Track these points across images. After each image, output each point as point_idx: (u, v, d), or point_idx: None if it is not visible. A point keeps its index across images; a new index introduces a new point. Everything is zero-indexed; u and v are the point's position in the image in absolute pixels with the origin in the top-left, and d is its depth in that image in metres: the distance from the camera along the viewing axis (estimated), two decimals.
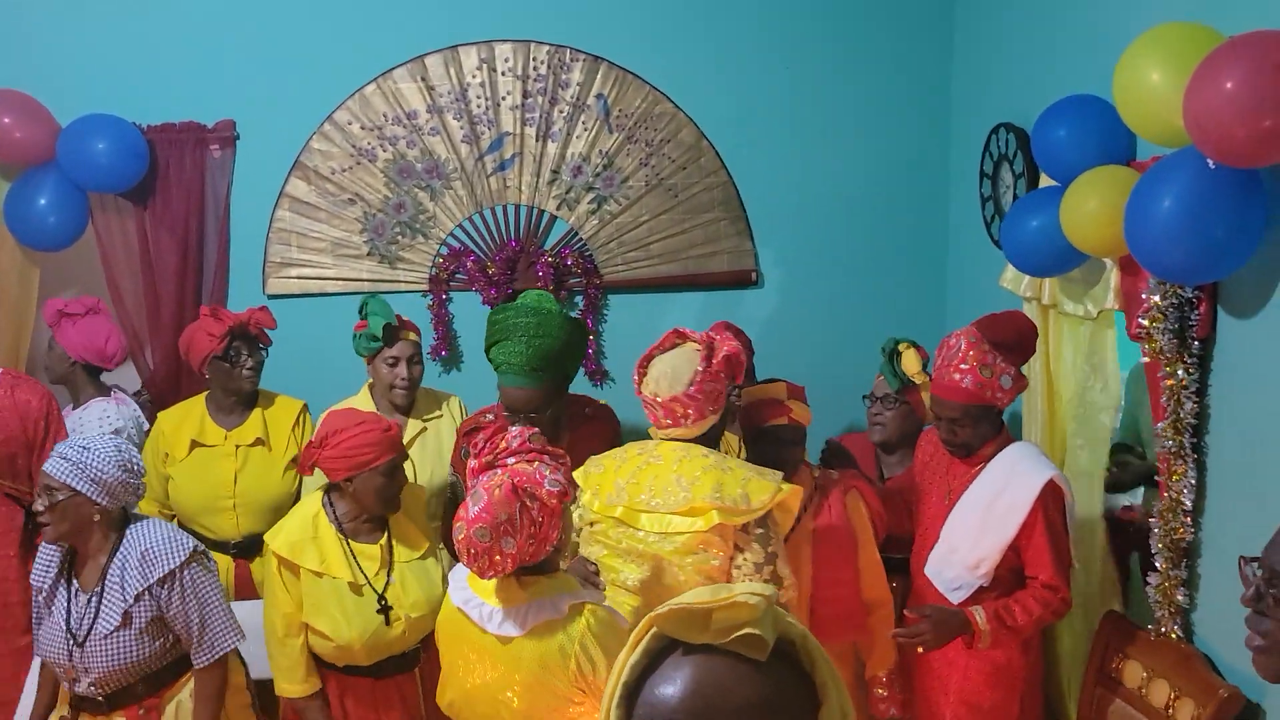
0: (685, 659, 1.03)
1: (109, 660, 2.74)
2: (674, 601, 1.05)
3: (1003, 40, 4.02)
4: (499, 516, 2.20)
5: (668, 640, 1.05)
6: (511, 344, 3.06)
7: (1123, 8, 3.09)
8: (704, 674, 1.02)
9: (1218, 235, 2.36)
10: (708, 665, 1.02)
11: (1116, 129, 2.88)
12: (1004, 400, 2.96)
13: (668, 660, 1.04)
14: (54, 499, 2.69)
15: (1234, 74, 2.17)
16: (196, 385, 4.02)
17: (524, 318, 3.09)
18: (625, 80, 4.43)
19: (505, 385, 3.10)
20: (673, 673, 1.03)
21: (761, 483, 2.62)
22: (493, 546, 2.21)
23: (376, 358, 3.59)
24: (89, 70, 4.18)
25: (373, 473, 2.87)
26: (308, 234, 4.42)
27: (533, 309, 3.13)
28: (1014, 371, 2.95)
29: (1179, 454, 2.72)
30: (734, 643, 1.01)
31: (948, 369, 2.95)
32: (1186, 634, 2.82)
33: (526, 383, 3.07)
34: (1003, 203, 3.79)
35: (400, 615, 2.88)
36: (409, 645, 2.96)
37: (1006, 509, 2.91)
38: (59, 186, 4.00)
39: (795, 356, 4.09)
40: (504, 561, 2.23)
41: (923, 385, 3.41)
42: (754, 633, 1.01)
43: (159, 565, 2.75)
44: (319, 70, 4.33)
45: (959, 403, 2.94)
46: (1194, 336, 2.66)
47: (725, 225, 4.53)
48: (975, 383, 2.91)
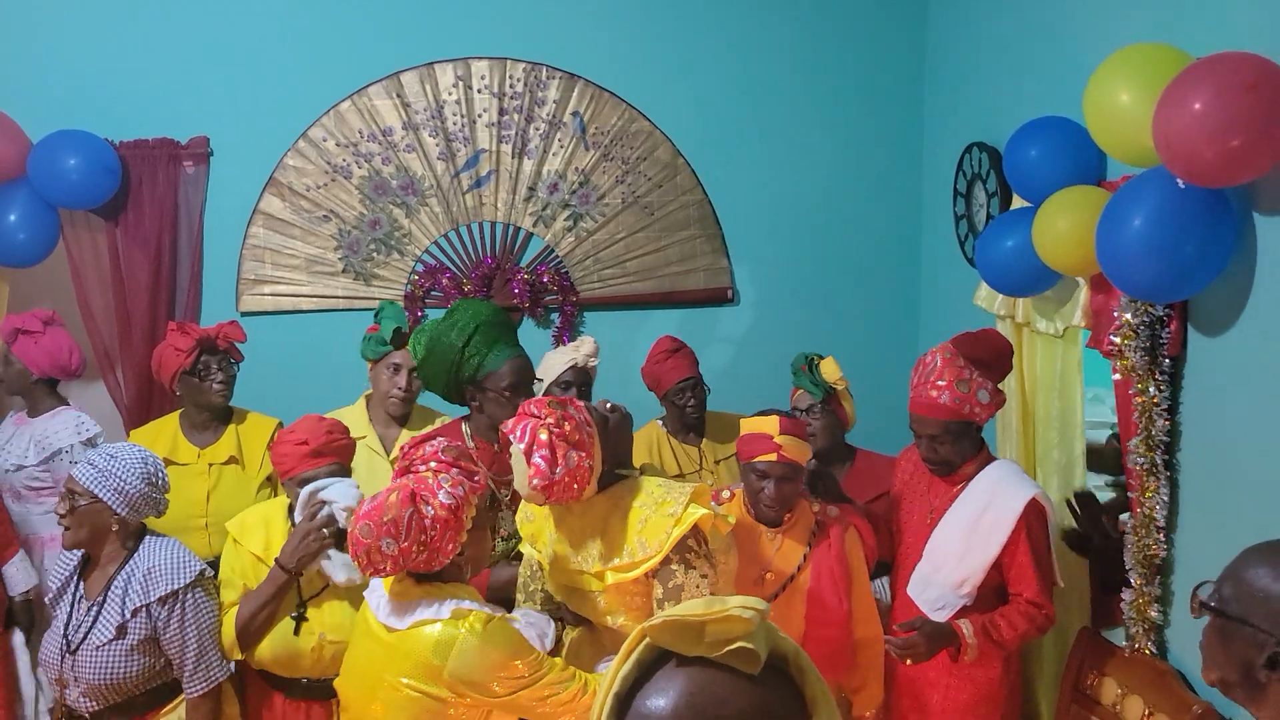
0: (678, 670, 1.03)
1: (95, 672, 2.70)
2: (667, 613, 1.05)
3: (975, 60, 4.06)
4: (384, 517, 2.28)
5: (660, 651, 1.05)
6: (492, 326, 2.94)
7: (1093, 29, 3.13)
8: (697, 685, 1.01)
9: (1187, 253, 2.39)
10: (701, 677, 1.02)
11: (1087, 149, 2.92)
12: (982, 416, 2.97)
13: (660, 671, 1.04)
14: (75, 504, 2.69)
15: (1202, 95, 2.20)
16: (168, 404, 3.98)
17: (486, 308, 3.01)
18: (601, 98, 4.44)
19: (515, 359, 2.94)
20: (665, 684, 1.03)
21: (658, 522, 2.42)
22: (373, 545, 2.28)
23: (379, 363, 3.56)
24: (61, 86, 4.15)
25: (289, 483, 2.86)
26: (282, 251, 4.40)
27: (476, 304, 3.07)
28: (991, 387, 2.95)
29: (1151, 471, 2.74)
30: (727, 655, 1.01)
31: (925, 386, 2.95)
32: (1160, 650, 2.84)
33: (522, 350, 2.99)
34: (976, 221, 3.82)
35: (315, 631, 2.80)
36: (326, 672, 2.81)
37: (990, 527, 2.91)
38: (29, 203, 3.96)
39: (771, 373, 4.09)
40: (383, 561, 2.30)
41: (841, 392, 3.44)
42: (747, 646, 1.01)
43: (162, 584, 2.72)
44: (294, 87, 4.32)
45: (938, 419, 2.93)
46: (1165, 354, 2.68)
47: (701, 243, 4.54)
48: (953, 398, 2.91)
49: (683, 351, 3.72)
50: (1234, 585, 1.59)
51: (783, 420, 2.85)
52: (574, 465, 2.40)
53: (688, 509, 2.40)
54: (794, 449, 2.83)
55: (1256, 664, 1.55)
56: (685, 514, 2.39)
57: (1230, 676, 1.60)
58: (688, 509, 2.40)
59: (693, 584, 2.44)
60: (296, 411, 3.55)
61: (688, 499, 2.42)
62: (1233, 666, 1.59)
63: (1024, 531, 2.88)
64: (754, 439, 2.87)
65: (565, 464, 2.38)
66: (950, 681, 2.99)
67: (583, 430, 2.43)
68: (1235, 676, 1.60)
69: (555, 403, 2.44)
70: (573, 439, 2.40)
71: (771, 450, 2.82)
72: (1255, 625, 1.54)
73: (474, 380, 2.92)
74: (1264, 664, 1.54)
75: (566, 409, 2.45)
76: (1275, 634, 1.53)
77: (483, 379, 2.91)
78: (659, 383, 3.72)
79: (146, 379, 4.14)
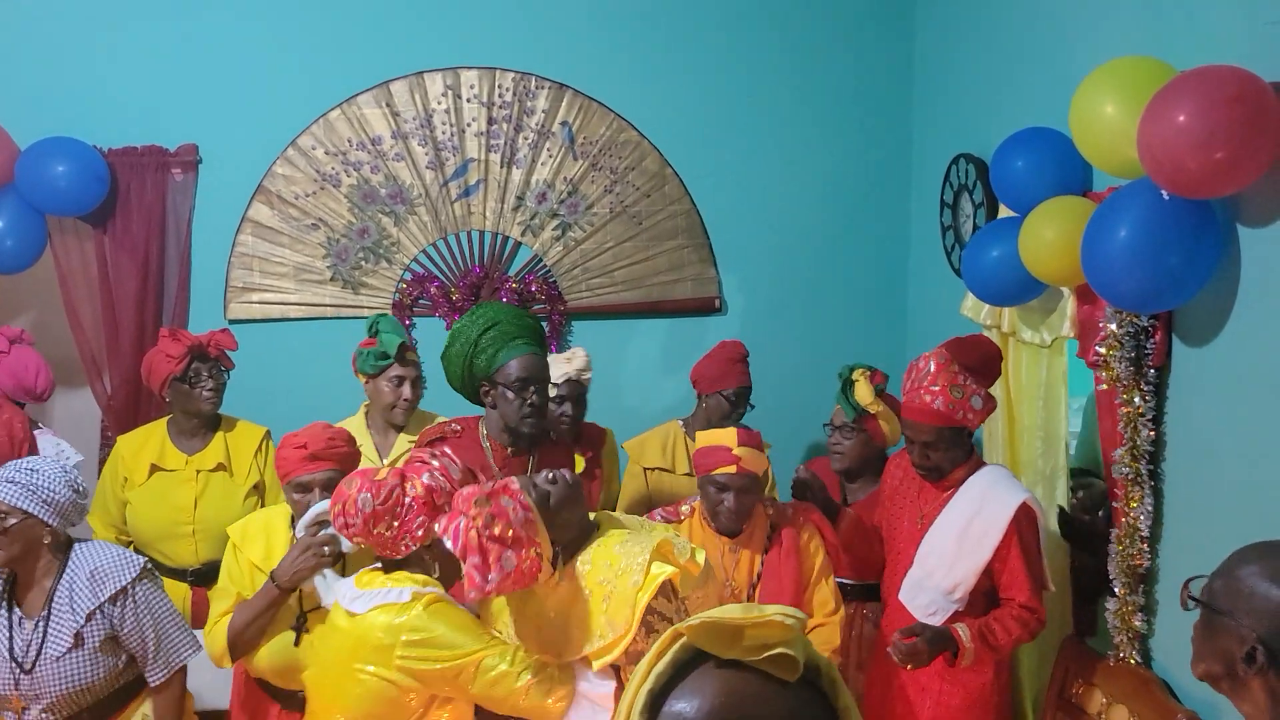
0: (714, 672, 1.03)
1: (61, 683, 2.69)
2: (705, 615, 1.05)
3: (962, 72, 4.09)
4: (374, 477, 2.40)
5: (695, 652, 1.05)
6: (511, 323, 2.96)
7: (1079, 42, 3.16)
8: (733, 688, 1.02)
9: (1172, 264, 2.40)
10: (737, 680, 1.02)
11: (1073, 160, 2.94)
12: (975, 421, 2.98)
13: (695, 672, 1.04)
14: (5, 524, 2.65)
15: (1186, 107, 2.22)
16: (155, 411, 3.97)
17: (508, 310, 3.05)
18: (590, 108, 4.45)
19: (526, 355, 2.92)
20: (700, 684, 1.03)
21: (622, 595, 2.31)
22: (350, 497, 2.37)
23: (379, 376, 3.54)
24: (49, 93, 4.15)
25: (288, 487, 2.87)
26: (270, 259, 4.39)
27: (498, 305, 3.12)
28: (983, 393, 2.97)
29: (1136, 480, 2.76)
30: (765, 661, 1.01)
31: (918, 391, 2.94)
32: (1145, 659, 2.85)
33: (541, 351, 3.00)
34: (963, 232, 3.84)
35: (314, 642, 2.80)
36: None
37: (981, 532, 2.92)
38: (17, 209, 3.95)
39: (758, 383, 4.10)
40: (355, 517, 2.37)
41: (879, 413, 3.43)
42: (787, 652, 1.01)
43: (109, 583, 2.72)
44: (283, 95, 4.32)
45: (931, 425, 2.93)
46: (1150, 364, 2.70)
47: (689, 252, 4.56)
48: (947, 404, 2.91)
49: (746, 361, 3.72)
50: (1224, 581, 1.63)
51: (740, 432, 2.88)
52: (512, 568, 2.25)
53: (650, 573, 2.30)
54: (752, 460, 2.86)
55: (1238, 658, 1.58)
56: (647, 580, 2.30)
57: (1215, 670, 1.64)
58: (650, 573, 2.30)
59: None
60: (284, 419, 3.56)
61: (649, 560, 2.30)
62: (1217, 660, 1.63)
63: (1015, 536, 2.88)
64: (712, 451, 2.88)
65: (501, 567, 2.24)
66: (943, 687, 2.99)
67: (518, 525, 2.26)
68: (1220, 670, 1.63)
69: (482, 499, 2.26)
70: (506, 537, 2.24)
71: (731, 462, 2.85)
72: (1239, 620, 1.58)
73: (487, 376, 2.93)
74: (1243, 659, 1.57)
75: (498, 500, 2.27)
76: (1255, 629, 1.56)
77: (494, 374, 2.92)
78: (716, 381, 3.67)
79: (133, 386, 4.13)
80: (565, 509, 2.37)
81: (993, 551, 2.90)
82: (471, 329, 2.94)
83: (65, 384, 4.21)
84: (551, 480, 2.38)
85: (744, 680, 1.02)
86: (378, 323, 3.60)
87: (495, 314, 2.97)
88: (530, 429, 2.91)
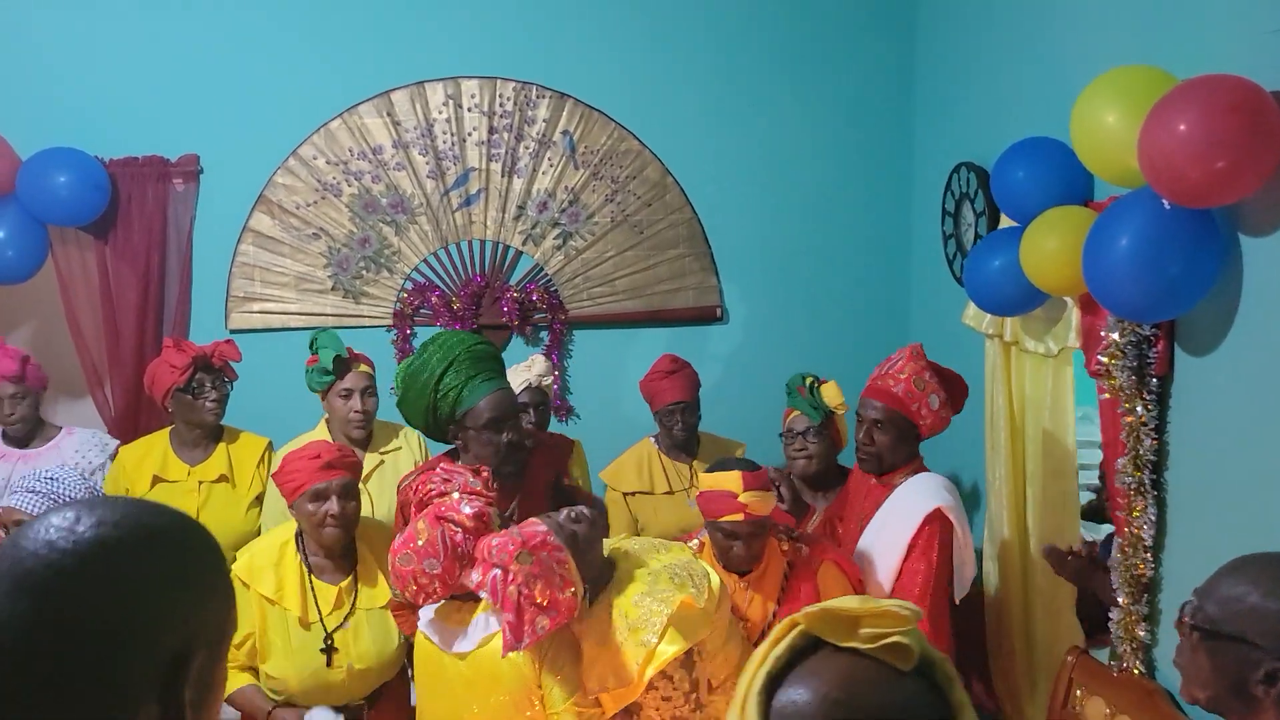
0: (831, 657, 1.06)
1: None
2: (822, 605, 1.08)
3: (963, 81, 4.09)
4: (418, 541, 2.37)
5: (812, 640, 1.07)
6: (468, 358, 2.77)
7: (1080, 51, 3.15)
8: (850, 673, 1.04)
9: (1173, 273, 2.40)
10: (855, 665, 1.04)
11: (1074, 170, 2.94)
12: (926, 421, 3.02)
13: (813, 656, 1.07)
14: None
15: (1187, 116, 2.22)
16: (156, 421, 3.96)
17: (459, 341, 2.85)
18: (591, 117, 4.45)
19: (492, 393, 2.75)
20: (817, 668, 1.05)
21: (631, 651, 2.34)
22: (417, 570, 2.36)
23: (330, 391, 3.49)
24: (50, 103, 4.16)
25: (322, 494, 2.84)
26: (271, 268, 4.40)
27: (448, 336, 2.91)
28: (943, 398, 3.02)
29: (1139, 490, 2.74)
30: (881, 649, 1.03)
31: (884, 375, 3.06)
32: (1149, 669, 2.83)
33: (505, 384, 2.83)
34: (964, 240, 3.83)
35: (345, 662, 2.83)
36: (353, 696, 2.89)
37: (894, 536, 2.93)
38: (18, 219, 3.96)
39: (759, 392, 4.10)
40: (431, 583, 2.37)
41: (840, 415, 3.46)
42: (903, 641, 1.03)
43: None
44: (284, 105, 4.32)
45: (884, 405, 3.02)
46: (1152, 374, 2.69)
47: (690, 261, 4.55)
48: (905, 391, 3.00)
49: (681, 374, 3.70)
50: (1219, 604, 1.60)
51: (745, 476, 2.72)
52: (543, 630, 2.26)
53: (661, 643, 2.31)
54: (759, 504, 2.71)
55: (1252, 680, 1.56)
56: (657, 653, 2.31)
57: (1219, 693, 1.61)
58: (661, 643, 2.31)
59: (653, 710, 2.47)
60: (284, 430, 3.57)
61: (665, 626, 2.30)
62: (1222, 684, 1.60)
63: (920, 539, 2.88)
64: (716, 497, 2.73)
65: (533, 630, 2.24)
66: None
67: (555, 584, 2.26)
68: (1225, 693, 1.60)
69: (525, 555, 2.24)
70: (545, 601, 2.24)
71: (737, 510, 2.70)
72: (1251, 642, 1.55)
73: (453, 418, 2.75)
74: (1261, 680, 1.55)
75: (538, 558, 2.26)
76: (1273, 649, 1.54)
77: (461, 417, 2.74)
78: (652, 400, 3.72)
79: (134, 396, 4.13)
80: (592, 548, 2.39)
81: (903, 555, 2.89)
82: (428, 371, 2.75)
83: (67, 394, 4.21)
84: (575, 520, 2.37)
85: (861, 666, 1.04)
86: (316, 339, 3.52)
87: (449, 350, 2.76)
88: (513, 466, 2.77)
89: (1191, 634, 1.64)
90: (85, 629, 0.94)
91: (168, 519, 1.05)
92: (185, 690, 0.99)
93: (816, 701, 1.02)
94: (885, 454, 3.05)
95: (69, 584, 0.95)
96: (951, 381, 3.09)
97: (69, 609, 0.94)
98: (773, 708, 1.05)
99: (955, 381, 3.12)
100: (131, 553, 0.99)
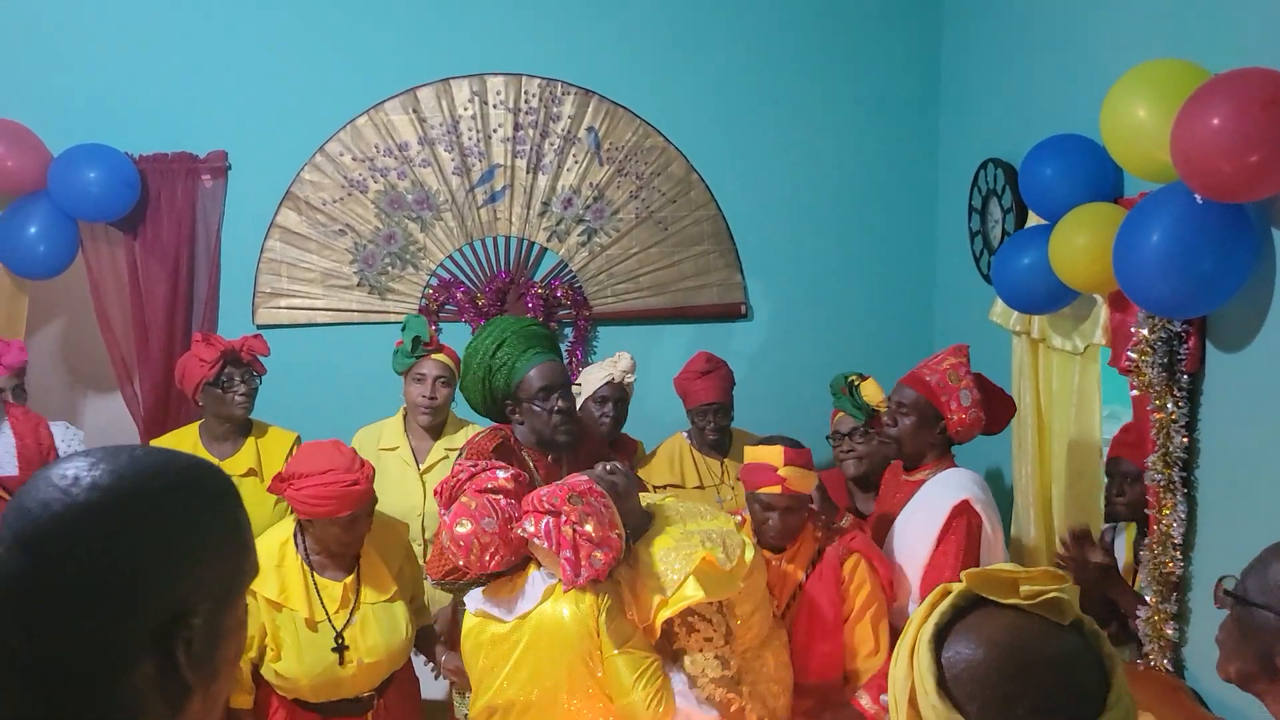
0: (996, 612, 1.15)
1: None
2: (985, 568, 1.19)
3: (990, 77, 4.07)
4: (470, 507, 2.44)
5: (973, 598, 1.17)
6: (521, 334, 2.94)
7: (1109, 45, 3.13)
8: (1016, 625, 1.14)
9: (1205, 269, 2.38)
10: (1019, 618, 1.14)
11: (1103, 167, 2.92)
12: (955, 415, 2.98)
13: (978, 611, 1.16)
14: None
15: (1220, 110, 2.20)
16: (185, 415, 4.00)
17: (513, 322, 3.02)
18: (616, 113, 4.46)
19: (543, 363, 2.90)
20: (982, 622, 1.15)
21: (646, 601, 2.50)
22: (477, 531, 2.42)
23: (408, 374, 3.58)
24: (81, 100, 4.19)
25: (329, 522, 2.78)
26: (298, 264, 4.42)
27: (505, 319, 3.09)
28: (976, 397, 2.99)
29: (1168, 487, 2.72)
30: (1040, 605, 1.14)
31: (922, 366, 3.06)
32: (1176, 668, 2.82)
33: (556, 356, 2.99)
34: (991, 237, 3.82)
35: (355, 657, 2.83)
36: (362, 689, 2.89)
37: (922, 528, 2.92)
38: (49, 215, 4.00)
39: (784, 389, 4.10)
40: (493, 541, 2.43)
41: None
42: (1061, 596, 1.13)
43: None
44: (311, 102, 4.35)
45: (913, 390, 3.01)
46: (1183, 370, 2.67)
47: (715, 258, 4.55)
48: (938, 382, 2.98)
49: (716, 374, 3.70)
50: (1258, 577, 1.61)
51: (787, 451, 2.77)
52: (600, 565, 2.41)
53: (678, 591, 2.43)
54: (798, 481, 2.77)
55: (1277, 652, 1.56)
56: (674, 597, 2.44)
57: (1250, 668, 1.62)
58: (678, 591, 2.43)
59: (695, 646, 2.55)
60: (311, 424, 3.59)
61: (684, 578, 2.43)
62: (1253, 657, 1.61)
63: (948, 532, 2.87)
64: (758, 470, 2.80)
65: (590, 566, 2.39)
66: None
67: (604, 523, 2.42)
68: (1255, 667, 1.61)
69: (576, 497, 2.40)
70: (598, 537, 2.39)
71: (776, 483, 2.76)
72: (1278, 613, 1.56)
73: (509, 393, 2.90)
74: None
75: (587, 500, 2.41)
76: None
77: (515, 389, 2.89)
78: (686, 398, 3.72)
79: (163, 390, 4.16)
80: (630, 497, 2.55)
81: (931, 549, 2.88)
82: (482, 350, 2.91)
83: (95, 389, 4.26)
84: (611, 471, 2.55)
85: (1024, 619, 1.14)
86: (408, 321, 3.64)
87: (503, 329, 2.94)
88: (566, 435, 2.89)
89: (1225, 600, 1.67)
90: (78, 584, 0.93)
91: (175, 473, 1.01)
92: (180, 648, 0.97)
93: (987, 649, 1.12)
94: (905, 439, 3.02)
95: (64, 538, 0.94)
96: (994, 395, 3.03)
97: (63, 563, 0.93)
98: (943, 658, 1.14)
99: (998, 396, 3.06)
100: (127, 510, 0.96)
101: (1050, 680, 1.11)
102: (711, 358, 3.74)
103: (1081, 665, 1.12)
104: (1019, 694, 1.10)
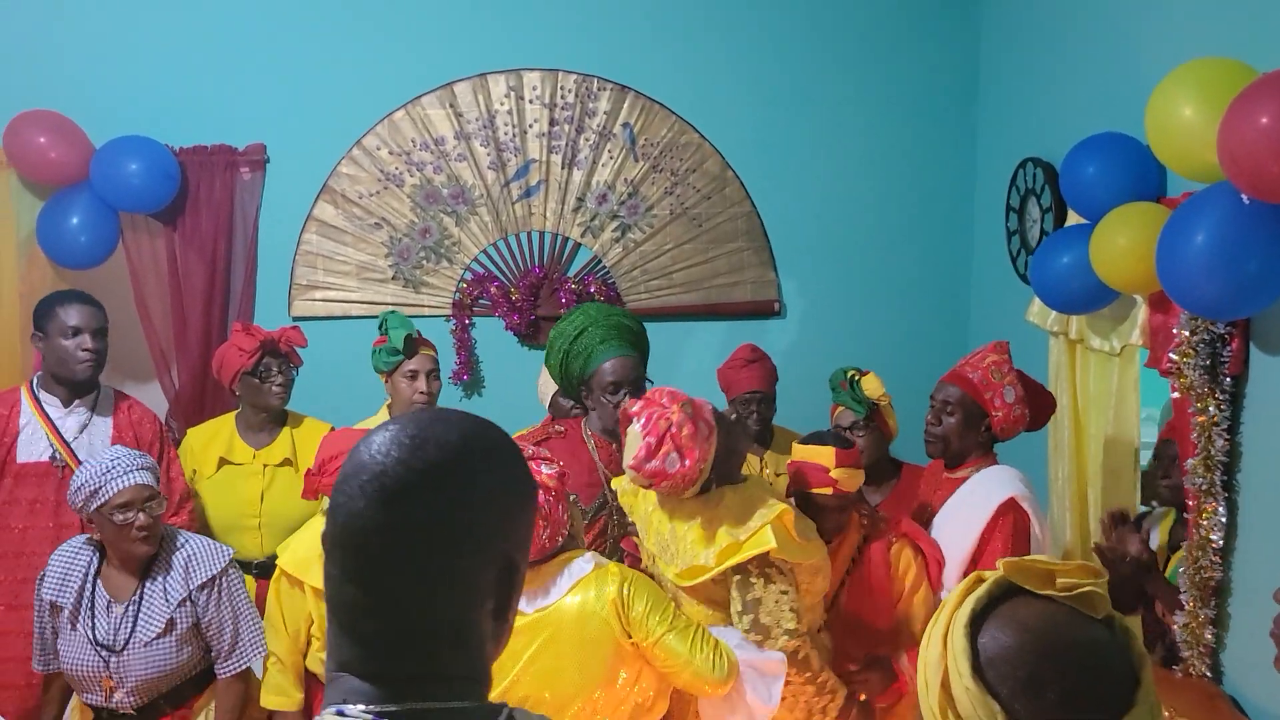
0: (1031, 602, 1.19)
1: (148, 668, 2.78)
2: (1022, 558, 1.22)
3: (1030, 75, 4.04)
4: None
5: (1009, 587, 1.21)
6: (601, 326, 3.05)
7: (1152, 44, 3.10)
8: (1050, 612, 1.18)
9: (1251, 270, 2.35)
10: (1053, 608, 1.18)
11: (1146, 166, 2.89)
12: (998, 413, 2.96)
13: (1011, 600, 1.20)
14: (154, 511, 2.76)
15: (1269, 110, 2.17)
16: (221, 405, 4.03)
17: (601, 310, 3.15)
18: (652, 109, 4.46)
19: (615, 357, 3.04)
20: (1018, 611, 1.19)
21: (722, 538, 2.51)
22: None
23: (395, 372, 3.54)
24: (123, 92, 4.23)
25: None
26: (334, 257, 4.45)
27: (604, 305, 3.23)
28: (1020, 394, 2.97)
29: (1209, 491, 2.69)
30: (1075, 597, 1.17)
31: (964, 364, 3.04)
32: (1215, 674, 2.79)
33: (633, 352, 3.08)
34: (1029, 237, 3.79)
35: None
36: None
37: (964, 525, 2.90)
38: (91, 206, 4.04)
39: (817, 387, 4.06)
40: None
41: (885, 407, 3.42)
42: (1096, 590, 1.17)
43: (201, 571, 2.83)
44: (349, 96, 4.37)
45: (957, 388, 2.98)
46: (1225, 372, 2.64)
47: (749, 255, 4.54)
48: (981, 379, 2.96)
49: (760, 364, 3.68)
50: None
51: (839, 453, 2.78)
52: (674, 470, 2.45)
53: (754, 536, 2.46)
54: (848, 481, 2.79)
55: None
56: (748, 541, 2.46)
57: None
58: (754, 536, 2.46)
59: (771, 598, 2.50)
60: (346, 416, 3.61)
61: (760, 525, 2.46)
62: None
63: (995, 530, 2.85)
64: (809, 469, 2.81)
65: (663, 460, 2.44)
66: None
67: (698, 436, 2.46)
68: None
69: (686, 404, 2.49)
70: (684, 444, 2.45)
71: (828, 484, 2.78)
72: None
73: (582, 378, 3.05)
74: None
75: (699, 414, 2.50)
76: None
77: (589, 377, 3.03)
78: (729, 388, 3.71)
79: (201, 380, 4.20)
80: (734, 442, 2.60)
81: (974, 545, 2.85)
82: (565, 334, 3.05)
83: (134, 378, 4.29)
84: (735, 417, 2.69)
85: (1059, 609, 1.18)
86: (386, 319, 3.59)
87: (586, 318, 3.05)
88: None
89: None
90: (441, 534, 1.07)
91: (497, 434, 1.16)
92: (514, 590, 1.13)
93: (1021, 635, 1.15)
94: (951, 438, 2.99)
95: (426, 493, 1.07)
96: (1036, 391, 3.01)
97: (426, 516, 1.07)
98: (979, 643, 1.17)
99: (1039, 392, 3.04)
100: (475, 465, 1.10)
101: (1081, 667, 1.14)
102: (755, 348, 3.73)
103: (1112, 657, 1.15)
104: (1050, 679, 1.13)
